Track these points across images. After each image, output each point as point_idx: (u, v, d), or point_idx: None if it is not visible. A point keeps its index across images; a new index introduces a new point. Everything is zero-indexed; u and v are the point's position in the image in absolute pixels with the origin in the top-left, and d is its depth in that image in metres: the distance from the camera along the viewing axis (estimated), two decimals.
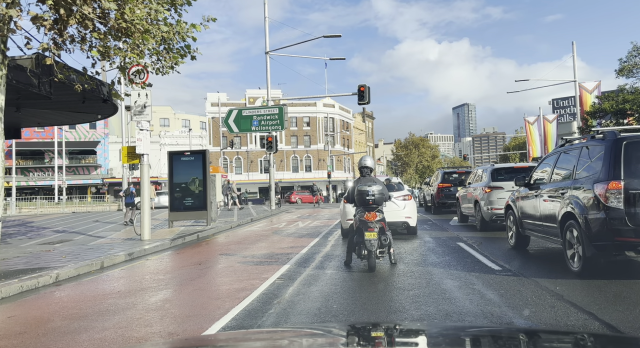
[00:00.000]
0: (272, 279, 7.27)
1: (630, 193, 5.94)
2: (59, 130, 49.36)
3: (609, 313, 4.94)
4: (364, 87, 22.34)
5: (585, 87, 32.51)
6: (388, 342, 1.93)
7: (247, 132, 28.05)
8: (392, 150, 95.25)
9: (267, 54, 27.54)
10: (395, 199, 10.75)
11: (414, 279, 6.91)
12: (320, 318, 5.19)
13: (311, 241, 12.12)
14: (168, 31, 8.59)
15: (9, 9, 6.77)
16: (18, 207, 37.34)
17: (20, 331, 5.19)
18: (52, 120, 15.96)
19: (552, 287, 6.12)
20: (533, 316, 4.97)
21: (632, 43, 26.96)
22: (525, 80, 33.37)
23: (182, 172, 16.80)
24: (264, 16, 26.74)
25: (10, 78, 8.24)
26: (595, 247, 6.23)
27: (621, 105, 25.10)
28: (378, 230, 7.61)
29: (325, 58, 30.73)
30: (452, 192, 19.51)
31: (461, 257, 8.79)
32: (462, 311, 5.18)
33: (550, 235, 7.69)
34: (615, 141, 6.33)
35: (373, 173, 8.48)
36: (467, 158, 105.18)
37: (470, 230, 13.43)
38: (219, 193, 29.54)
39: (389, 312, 5.34)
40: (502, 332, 2.43)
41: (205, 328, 4.95)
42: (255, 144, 65.16)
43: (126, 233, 15.12)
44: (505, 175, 13.03)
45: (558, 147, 8.47)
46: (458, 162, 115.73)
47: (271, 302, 5.91)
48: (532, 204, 8.41)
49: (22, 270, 8.31)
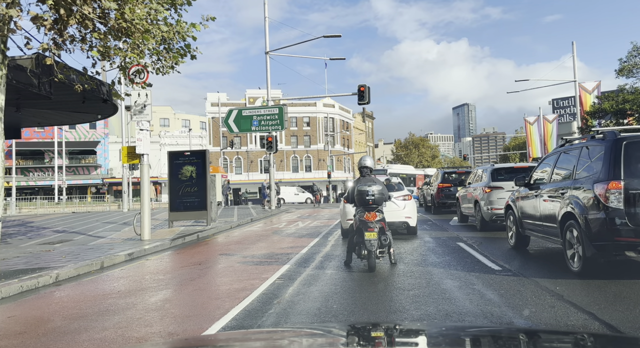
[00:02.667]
0: (272, 279, 7.27)
1: (630, 194, 5.94)
2: (59, 130, 49.35)
3: (609, 313, 4.94)
4: (364, 87, 22.34)
5: (585, 87, 32.52)
6: (388, 342, 1.93)
7: (247, 132, 28.03)
8: (392, 150, 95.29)
9: (267, 54, 27.51)
10: (395, 199, 10.74)
11: (414, 279, 6.91)
12: (320, 318, 5.19)
13: (311, 241, 12.12)
14: (168, 31, 8.60)
15: (9, 9, 6.77)
16: (18, 207, 37.32)
17: (21, 331, 5.19)
18: (52, 120, 15.96)
19: (552, 287, 6.12)
20: (533, 316, 4.97)
21: (632, 43, 26.99)
22: (525, 80, 33.39)
23: (182, 172, 16.81)
24: (263, 16, 26.73)
25: (10, 78, 8.24)
26: (595, 247, 6.23)
27: (621, 105, 25.10)
28: (378, 230, 7.61)
29: (325, 58, 30.74)
30: (452, 192, 19.51)
31: (461, 257, 8.79)
32: (462, 311, 5.18)
33: (550, 235, 7.69)
34: (615, 141, 6.34)
35: (373, 173, 8.47)
36: (467, 158, 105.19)
37: (470, 230, 13.43)
38: (219, 193, 29.53)
39: (389, 312, 5.34)
40: (502, 332, 2.44)
41: (205, 328, 4.96)
42: (255, 144, 65.15)
43: (126, 233, 15.12)
44: (505, 175, 13.03)
45: (558, 147, 8.47)
46: (458, 162, 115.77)
47: (271, 302, 5.91)
48: (532, 204, 8.41)
49: (22, 270, 8.31)
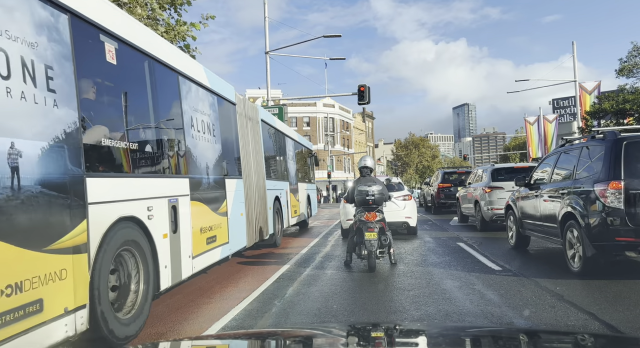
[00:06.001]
0: (272, 279, 7.27)
1: (631, 194, 5.94)
2: None
3: (609, 313, 4.93)
4: (364, 87, 22.32)
5: (585, 87, 32.50)
6: (388, 342, 1.93)
7: None
8: (392, 150, 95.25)
9: (267, 54, 27.52)
10: (395, 199, 10.74)
11: (414, 279, 6.91)
12: (320, 318, 5.19)
13: (311, 241, 12.12)
14: (168, 31, 8.60)
15: None
16: None
17: None
18: None
19: (552, 287, 6.11)
20: (533, 316, 4.97)
21: (632, 43, 26.96)
22: (525, 80, 33.35)
23: None
24: (263, 16, 26.72)
25: None
26: (595, 247, 6.23)
27: (621, 105, 25.07)
28: (378, 230, 7.61)
29: (326, 58, 30.60)
30: (452, 192, 19.51)
31: (461, 257, 8.78)
32: (462, 311, 5.18)
33: (550, 235, 7.69)
34: (615, 141, 6.33)
35: (373, 173, 8.47)
36: (467, 158, 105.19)
37: (470, 230, 13.43)
38: None
39: (389, 312, 5.33)
40: (502, 332, 2.43)
41: (205, 328, 4.95)
42: None
43: None
44: (505, 175, 13.03)
45: (558, 147, 8.47)
46: (458, 162, 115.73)
47: (271, 302, 5.91)
48: (532, 204, 8.41)
49: None
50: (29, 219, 3.31)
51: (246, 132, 9.03)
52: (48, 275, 3.48)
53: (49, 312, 3.49)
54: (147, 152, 5.19)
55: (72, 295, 3.73)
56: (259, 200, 9.54)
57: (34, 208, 3.36)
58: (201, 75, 6.98)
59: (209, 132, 7.07)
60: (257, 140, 9.74)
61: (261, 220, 9.61)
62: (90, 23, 4.23)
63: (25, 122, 3.36)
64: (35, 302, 3.36)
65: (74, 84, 3.90)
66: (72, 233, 3.74)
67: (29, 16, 3.49)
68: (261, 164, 9.94)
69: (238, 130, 8.56)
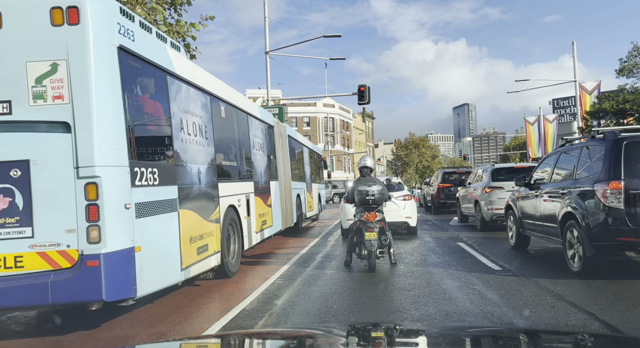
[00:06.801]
0: (272, 279, 7.27)
1: (631, 193, 5.94)
2: None
3: (609, 313, 4.94)
4: (364, 87, 22.30)
5: (585, 87, 32.49)
6: (388, 342, 1.93)
7: None
8: (392, 150, 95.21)
9: (267, 54, 27.50)
10: (395, 199, 10.74)
11: (414, 279, 6.91)
12: (320, 318, 5.19)
13: (311, 241, 12.12)
14: (168, 31, 8.60)
15: None
16: None
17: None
18: None
19: (552, 287, 6.11)
20: (533, 316, 4.98)
21: (632, 43, 26.94)
22: (525, 80, 33.32)
23: None
24: (263, 16, 26.71)
25: None
26: (595, 247, 6.23)
27: (621, 105, 25.06)
28: (378, 230, 7.60)
29: (326, 58, 30.56)
30: (452, 192, 19.49)
31: (461, 257, 8.78)
32: (462, 311, 5.18)
33: (550, 235, 7.69)
34: (615, 141, 6.33)
35: (373, 173, 8.47)
36: (467, 158, 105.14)
37: (471, 230, 13.43)
38: None
39: (389, 312, 5.34)
40: (502, 332, 2.44)
41: (205, 328, 4.96)
42: None
43: None
44: (505, 175, 13.02)
45: (558, 147, 8.47)
46: (458, 162, 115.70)
47: (271, 302, 5.91)
48: (532, 204, 8.41)
49: None
50: (202, 203, 6.42)
51: (279, 146, 12.03)
52: (209, 232, 6.58)
53: (209, 251, 6.56)
54: (237, 166, 8.41)
55: (216, 244, 6.80)
56: (288, 196, 12.38)
57: (204, 196, 6.52)
58: (256, 111, 10.16)
59: (261, 148, 10.28)
60: (285, 151, 12.71)
61: (289, 211, 12.50)
62: (216, 97, 7.42)
63: (199, 155, 6.49)
64: (205, 245, 6.42)
65: (212, 133, 7.07)
66: (215, 211, 6.89)
67: (196, 100, 6.58)
68: (288, 169, 12.85)
69: (275, 146, 11.68)
